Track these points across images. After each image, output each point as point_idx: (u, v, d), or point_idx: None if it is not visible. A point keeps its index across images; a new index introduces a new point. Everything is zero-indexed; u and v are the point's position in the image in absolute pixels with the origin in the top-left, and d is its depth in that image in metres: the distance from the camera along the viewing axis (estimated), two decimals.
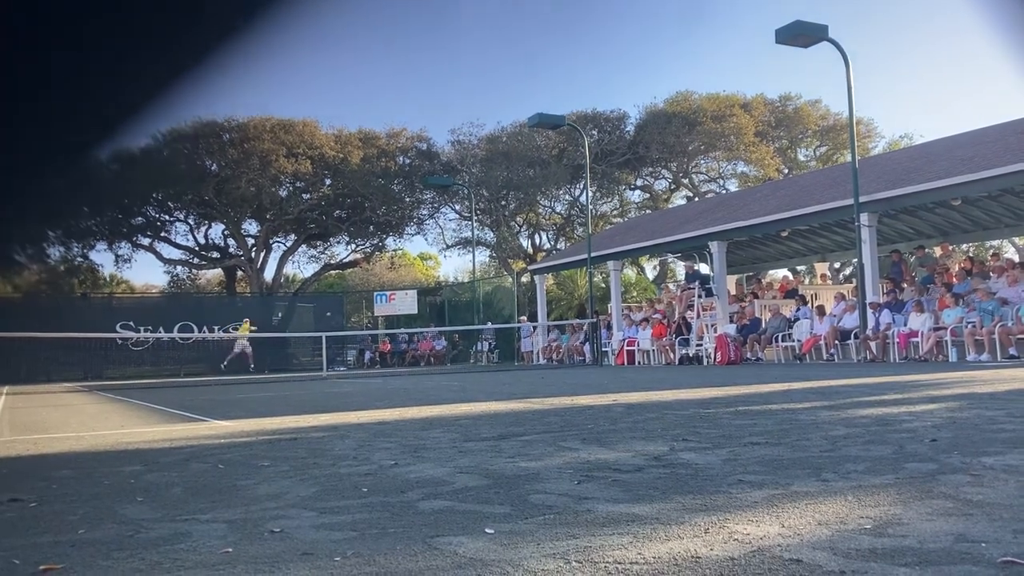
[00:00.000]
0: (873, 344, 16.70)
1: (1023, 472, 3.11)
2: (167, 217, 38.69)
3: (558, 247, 41.29)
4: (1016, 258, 22.69)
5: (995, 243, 33.82)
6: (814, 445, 4.15)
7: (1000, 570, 1.85)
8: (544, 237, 44.21)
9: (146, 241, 38.90)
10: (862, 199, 17.58)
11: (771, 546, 2.14)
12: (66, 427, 7.53)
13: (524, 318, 30.49)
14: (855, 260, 19.44)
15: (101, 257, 44.57)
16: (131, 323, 28.78)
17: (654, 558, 2.07)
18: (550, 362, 26.20)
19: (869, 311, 17.26)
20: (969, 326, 15.19)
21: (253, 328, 27.73)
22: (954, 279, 17.97)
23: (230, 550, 2.35)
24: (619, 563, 2.03)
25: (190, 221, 39.26)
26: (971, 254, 25.95)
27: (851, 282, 24.73)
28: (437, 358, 31.64)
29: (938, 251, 20.61)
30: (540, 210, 42.30)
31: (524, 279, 35.85)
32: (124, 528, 2.75)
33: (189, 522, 2.81)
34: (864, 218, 17.69)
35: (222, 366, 26.14)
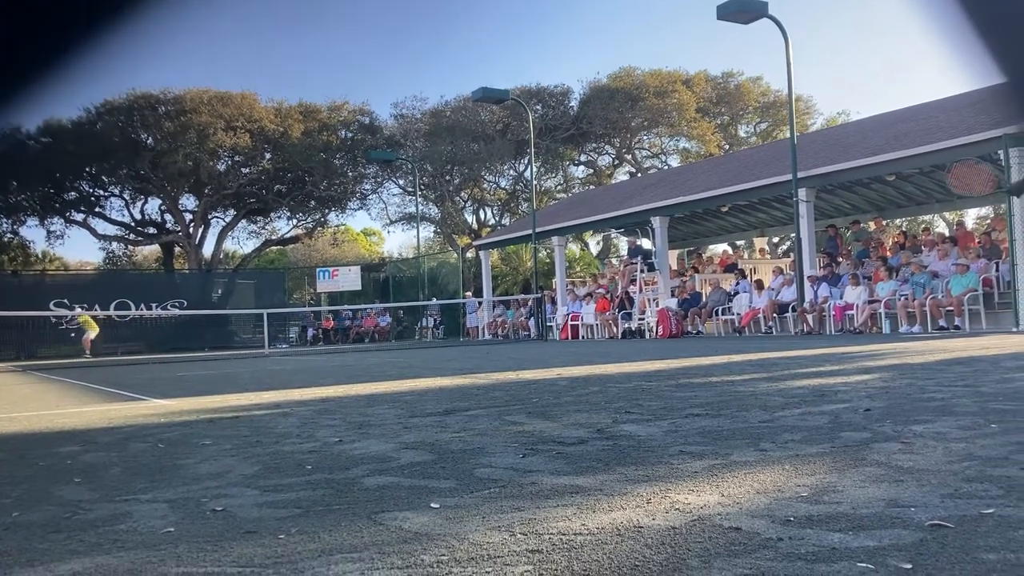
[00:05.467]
0: (810, 317, 17.09)
1: (951, 439, 3.22)
2: (101, 192, 37.74)
3: (503, 222, 41.29)
4: (946, 232, 23.37)
5: (927, 218, 34.79)
6: (753, 416, 4.24)
7: (928, 533, 1.92)
8: (489, 212, 44.18)
9: (80, 217, 37.93)
10: (800, 175, 17.90)
11: (711, 515, 2.19)
12: None
13: (469, 294, 30.49)
14: (793, 235, 19.83)
15: (32, 233, 43.33)
16: (65, 301, 28.00)
17: (598, 528, 2.10)
18: (495, 337, 26.27)
19: (807, 284, 17.63)
20: (902, 298, 15.64)
21: (90, 313, 26.21)
22: (888, 253, 18.45)
23: (172, 530, 2.32)
24: (563, 534, 2.06)
25: (125, 196, 38.35)
26: (904, 228, 26.68)
27: (789, 256, 25.23)
28: (381, 334, 31.48)
29: (873, 225, 21.13)
30: (485, 185, 42.22)
31: (469, 254, 35.79)
32: (61, 510, 2.69)
33: (129, 502, 2.76)
34: (802, 193, 18.03)
35: (88, 356, 24.88)
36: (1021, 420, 3.66)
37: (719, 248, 32.31)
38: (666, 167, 40.27)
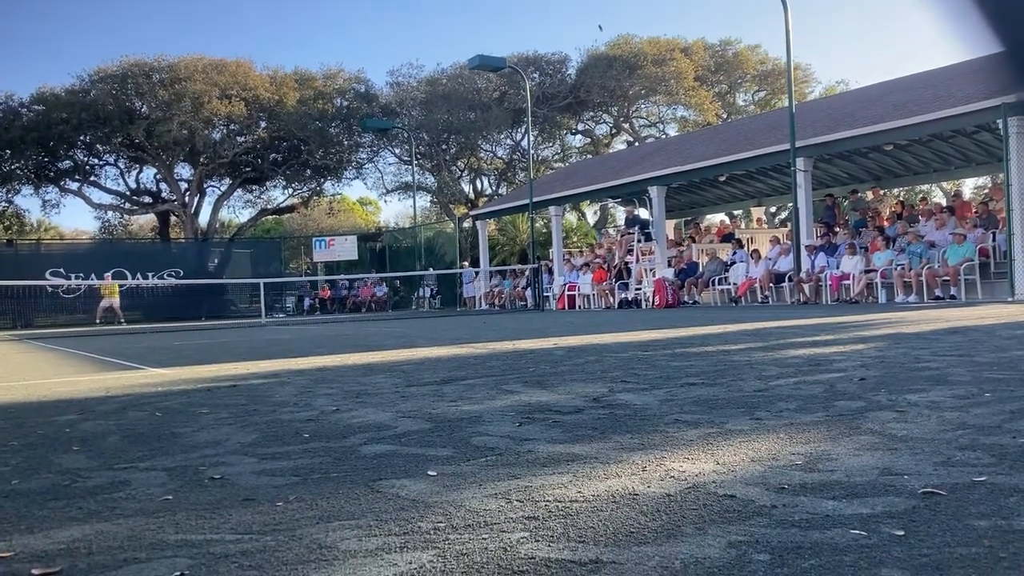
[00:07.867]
0: (806, 286, 17.11)
1: (945, 408, 3.24)
2: (96, 161, 37.50)
3: (500, 192, 41.12)
4: (944, 202, 23.33)
5: (924, 188, 34.78)
6: (748, 385, 4.26)
7: (921, 500, 1.93)
8: (486, 182, 43.98)
9: (74, 185, 37.71)
10: (798, 144, 17.84)
11: (706, 483, 2.21)
12: None
13: (466, 263, 30.46)
14: (790, 204, 19.79)
15: (27, 202, 43.13)
16: (61, 270, 27.99)
17: (593, 496, 2.12)
18: (492, 307, 26.30)
19: (804, 254, 17.64)
20: (898, 268, 15.65)
21: (120, 287, 26.31)
22: (885, 223, 18.44)
23: (170, 498, 2.34)
24: (559, 501, 2.07)
25: (120, 165, 38.13)
26: (902, 198, 26.65)
27: (786, 226, 25.21)
28: (378, 304, 31.49)
29: (870, 195, 21.11)
30: (481, 154, 41.98)
31: (466, 224, 35.70)
32: (60, 478, 2.70)
33: (128, 470, 2.77)
34: (800, 163, 17.98)
35: (97, 320, 25.04)
36: (1014, 389, 3.68)
37: (716, 218, 32.29)
38: (664, 136, 40.06)
